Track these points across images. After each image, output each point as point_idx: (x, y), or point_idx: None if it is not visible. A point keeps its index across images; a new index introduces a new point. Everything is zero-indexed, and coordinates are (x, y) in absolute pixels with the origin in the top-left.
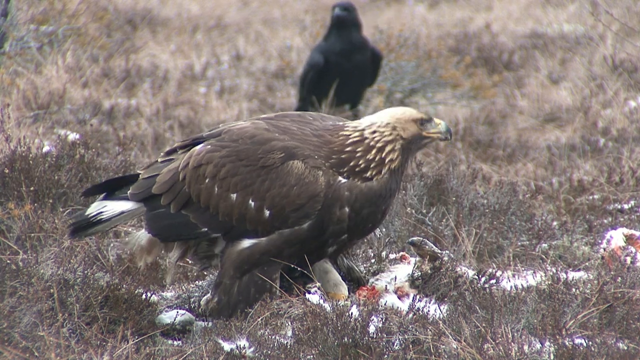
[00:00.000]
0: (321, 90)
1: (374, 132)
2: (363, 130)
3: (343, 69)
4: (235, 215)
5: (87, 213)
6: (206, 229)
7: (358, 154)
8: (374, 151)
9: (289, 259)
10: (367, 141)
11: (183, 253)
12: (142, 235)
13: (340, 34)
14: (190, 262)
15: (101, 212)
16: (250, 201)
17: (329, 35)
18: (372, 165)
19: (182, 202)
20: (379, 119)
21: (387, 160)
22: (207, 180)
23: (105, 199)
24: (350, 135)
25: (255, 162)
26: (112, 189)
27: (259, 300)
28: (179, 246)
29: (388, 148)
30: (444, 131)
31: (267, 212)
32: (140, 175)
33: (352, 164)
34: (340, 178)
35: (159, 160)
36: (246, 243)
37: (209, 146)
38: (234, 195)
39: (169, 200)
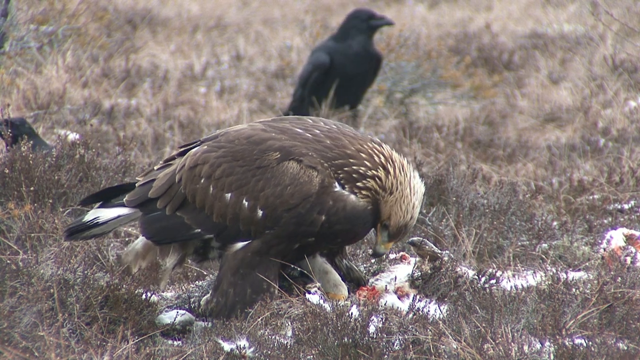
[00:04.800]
0: (324, 91)
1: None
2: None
3: (346, 71)
4: (229, 216)
5: (84, 220)
6: (199, 230)
7: (375, 172)
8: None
9: (278, 256)
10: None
11: (180, 259)
12: (137, 241)
13: (354, 38)
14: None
15: (98, 217)
16: (244, 201)
17: (340, 37)
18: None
19: (178, 203)
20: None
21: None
22: (202, 181)
23: (101, 207)
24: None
25: (251, 162)
26: (109, 197)
27: (257, 301)
28: (175, 251)
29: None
30: None
31: (260, 212)
32: (136, 183)
33: (361, 171)
34: (335, 183)
35: (156, 168)
36: (239, 245)
37: (205, 147)
38: (228, 195)
39: (165, 202)
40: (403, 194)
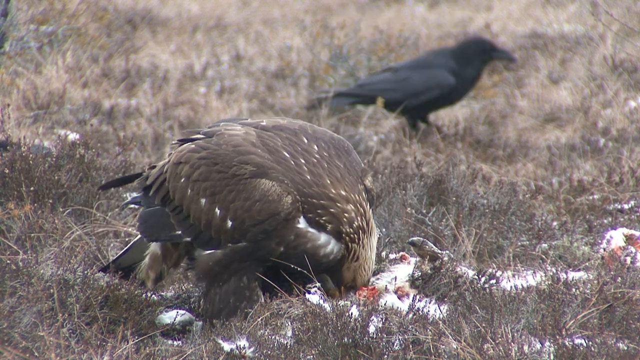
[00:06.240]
0: (428, 106)
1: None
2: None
3: (456, 91)
4: (203, 221)
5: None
6: (180, 232)
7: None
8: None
9: (240, 272)
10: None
11: (175, 261)
12: (145, 255)
13: (472, 65)
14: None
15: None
16: (216, 209)
17: (460, 58)
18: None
19: (162, 195)
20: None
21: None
22: (182, 180)
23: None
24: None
25: (227, 169)
26: (128, 181)
27: (241, 308)
28: (171, 253)
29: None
30: None
31: (229, 223)
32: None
33: (333, 214)
34: (300, 217)
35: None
36: (206, 251)
37: (193, 145)
38: (203, 200)
39: (155, 190)
40: (366, 257)
